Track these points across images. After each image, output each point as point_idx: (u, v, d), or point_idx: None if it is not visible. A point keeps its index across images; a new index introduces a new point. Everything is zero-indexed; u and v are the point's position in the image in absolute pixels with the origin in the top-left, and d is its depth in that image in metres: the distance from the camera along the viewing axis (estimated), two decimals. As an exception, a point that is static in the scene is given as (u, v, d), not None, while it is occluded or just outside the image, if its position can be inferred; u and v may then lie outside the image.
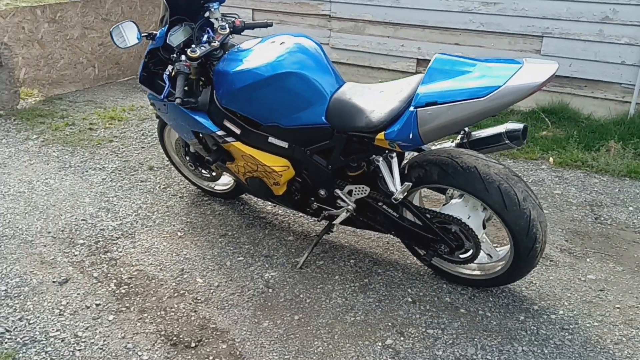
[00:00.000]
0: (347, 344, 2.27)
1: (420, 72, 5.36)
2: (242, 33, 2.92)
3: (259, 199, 3.35)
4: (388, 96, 2.28)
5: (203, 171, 3.29)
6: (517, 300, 2.51)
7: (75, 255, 2.87)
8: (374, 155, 2.37)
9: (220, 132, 2.64)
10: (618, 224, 3.16)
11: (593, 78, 4.47)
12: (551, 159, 3.96)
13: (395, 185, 2.27)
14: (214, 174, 3.28)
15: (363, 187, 2.47)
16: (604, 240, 3.00)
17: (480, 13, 4.78)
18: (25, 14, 5.16)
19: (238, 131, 2.61)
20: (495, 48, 4.81)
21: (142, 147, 4.21)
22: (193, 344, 2.26)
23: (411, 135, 2.08)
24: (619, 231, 3.08)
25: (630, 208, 3.32)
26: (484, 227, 2.42)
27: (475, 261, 2.48)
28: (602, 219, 3.22)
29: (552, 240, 2.98)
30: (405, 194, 2.28)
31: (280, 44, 2.52)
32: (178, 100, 2.47)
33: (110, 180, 3.68)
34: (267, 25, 2.96)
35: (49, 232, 3.06)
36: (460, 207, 2.38)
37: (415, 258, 2.71)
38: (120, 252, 2.91)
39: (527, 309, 2.45)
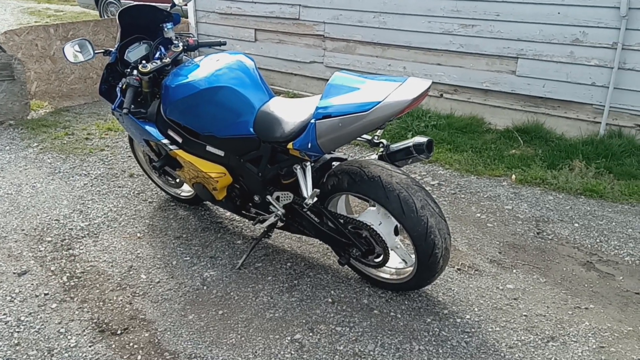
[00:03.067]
0: (259, 337, 2.45)
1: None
2: (196, 50, 3.18)
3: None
4: (301, 110, 2.49)
5: (168, 178, 3.55)
6: (430, 304, 2.64)
7: (40, 251, 3.15)
8: (294, 164, 2.57)
9: (165, 141, 2.89)
10: (559, 239, 3.24)
11: (566, 99, 4.55)
12: (513, 176, 4.05)
13: (308, 192, 2.46)
14: (177, 180, 3.54)
15: (287, 194, 2.67)
16: (538, 253, 3.09)
17: (460, 35, 4.93)
18: (39, 32, 5.61)
19: (180, 140, 2.86)
20: (474, 68, 4.95)
21: (129, 157, 4.51)
22: (119, 332, 2.49)
23: (310, 144, 2.28)
24: (557, 246, 3.17)
25: (576, 225, 3.39)
26: (397, 234, 2.57)
27: (390, 266, 2.64)
28: (545, 234, 3.30)
29: (485, 251, 3.09)
30: (315, 199, 2.46)
31: (217, 60, 2.76)
32: (125, 111, 2.74)
33: (91, 186, 3.99)
34: (220, 43, 3.21)
35: (22, 230, 3.36)
36: (373, 215, 2.55)
37: (351, 270, 2.88)
38: (81, 249, 3.18)
39: (437, 312, 2.59)
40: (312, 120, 2.28)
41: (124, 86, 2.86)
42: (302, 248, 3.14)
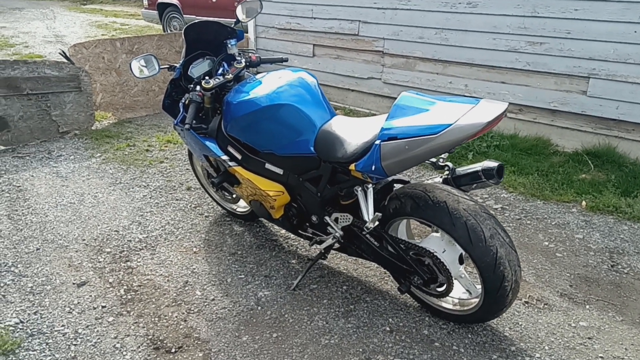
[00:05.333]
0: (313, 364, 2.37)
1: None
2: (258, 67, 3.16)
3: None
4: (365, 130, 2.40)
5: (225, 193, 3.54)
6: (496, 339, 2.49)
7: (99, 262, 3.18)
8: (355, 185, 2.49)
9: (224, 157, 2.87)
10: (635, 273, 3.02)
11: (641, 121, 4.28)
12: (584, 203, 3.83)
13: (369, 215, 2.37)
14: (234, 196, 3.52)
15: (347, 216, 2.58)
16: (613, 288, 2.88)
17: (527, 52, 4.75)
18: (105, 46, 5.78)
19: (239, 156, 2.83)
20: (542, 87, 4.74)
21: (187, 169, 4.55)
22: (173, 350, 2.46)
23: (373, 167, 2.19)
24: (634, 281, 2.95)
25: (654, 258, 3.15)
26: (462, 262, 2.44)
27: (453, 296, 2.51)
28: (619, 267, 3.08)
29: (555, 284, 2.91)
30: (376, 223, 2.37)
31: (279, 77, 2.72)
32: (187, 126, 2.73)
33: (150, 197, 4.03)
34: (282, 60, 3.18)
35: (83, 240, 3.42)
36: (437, 241, 2.43)
37: (410, 297, 2.76)
38: (139, 262, 3.19)
39: (503, 349, 2.43)
40: (377, 142, 2.19)
41: (187, 102, 2.86)
42: (359, 271, 3.05)
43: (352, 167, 2.32)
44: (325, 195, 2.65)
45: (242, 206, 3.62)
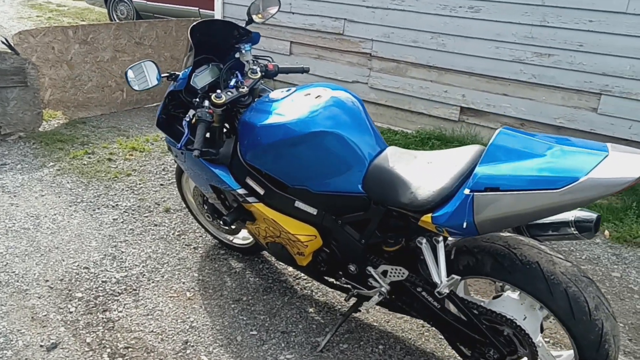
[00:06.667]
0: None
1: (464, 121, 5.07)
2: (274, 78, 2.63)
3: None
4: (438, 170, 1.95)
5: (221, 222, 2.98)
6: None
7: (71, 313, 2.57)
8: (415, 236, 2.03)
9: (241, 191, 2.33)
10: (687, 320, 2.73)
11: (656, 143, 4.06)
12: (607, 232, 3.54)
13: (441, 277, 1.91)
14: (233, 226, 2.97)
15: (400, 270, 2.12)
16: (674, 342, 2.58)
17: (533, 64, 4.43)
18: (56, 34, 5.01)
19: (262, 191, 2.30)
20: (547, 102, 4.44)
21: (161, 185, 3.93)
22: None
23: (465, 224, 1.72)
24: (690, 331, 2.66)
25: (703, 302, 2.88)
26: (542, 330, 2.03)
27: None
28: (670, 313, 2.79)
29: (614, 338, 2.56)
30: (450, 287, 1.92)
31: (317, 97, 2.20)
32: (196, 153, 2.17)
33: (122, 222, 3.40)
34: (303, 70, 2.67)
35: (47, 281, 2.77)
36: (515, 305, 2.01)
37: (453, 351, 2.33)
38: (121, 311, 2.60)
39: None
40: (467, 191, 1.73)
41: (194, 120, 2.30)
42: (392, 323, 2.59)
43: (426, 218, 1.85)
44: (371, 243, 2.17)
45: (241, 237, 3.08)
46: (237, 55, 2.55)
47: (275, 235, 2.36)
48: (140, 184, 3.93)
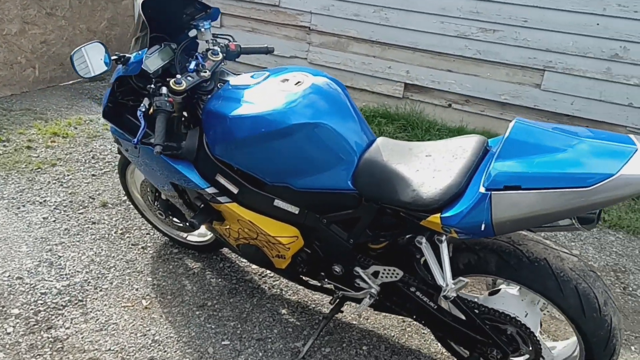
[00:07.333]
0: None
1: (408, 98, 4.98)
2: (236, 59, 2.36)
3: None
4: (440, 164, 1.79)
5: (175, 220, 2.69)
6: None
7: (9, 334, 2.21)
8: (408, 234, 1.88)
9: (211, 190, 2.06)
10: (650, 295, 2.81)
11: (596, 119, 4.15)
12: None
13: (446, 279, 1.77)
14: (187, 223, 2.68)
15: (394, 270, 1.96)
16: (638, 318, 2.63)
17: (478, 40, 4.38)
18: (-49, 3, 4.35)
19: (235, 190, 2.04)
20: (492, 78, 4.43)
21: (93, 175, 3.53)
22: None
23: (483, 226, 1.58)
24: (654, 306, 2.73)
25: (658, 276, 2.97)
26: (541, 325, 1.97)
27: (523, 363, 2.03)
28: (630, 289, 2.86)
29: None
30: (456, 291, 1.79)
31: (297, 83, 1.96)
32: (158, 149, 1.88)
33: (54, 220, 3.01)
34: (267, 50, 2.42)
35: (-27, 298, 2.39)
36: (516, 302, 1.92)
37: (443, 349, 2.23)
38: (68, 328, 2.28)
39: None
40: (482, 189, 1.58)
41: (151, 110, 1.99)
42: (372, 320, 2.46)
43: (433, 219, 1.69)
44: (360, 242, 2.00)
45: (197, 234, 2.81)
46: (193, 33, 2.25)
47: (250, 237, 2.12)
48: (68, 175, 3.50)
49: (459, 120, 4.65)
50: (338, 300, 2.19)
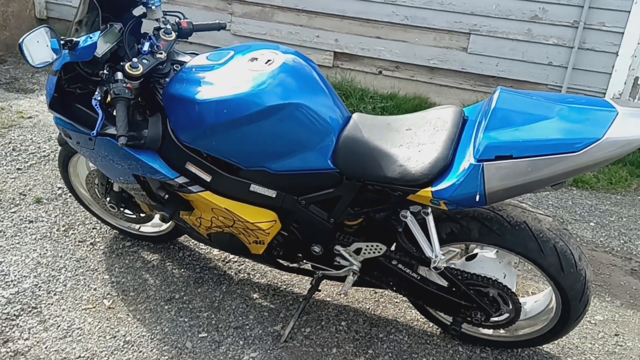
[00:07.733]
0: None
1: (338, 67, 4.95)
2: (189, 37, 2.22)
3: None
4: (423, 137, 1.79)
5: (127, 212, 2.53)
6: (542, 357, 2.21)
7: (-40, 355, 2.01)
8: (396, 210, 1.88)
9: (181, 179, 1.95)
10: (587, 243, 3.02)
11: (520, 79, 4.35)
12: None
13: (435, 250, 1.80)
14: (142, 215, 2.53)
15: (377, 246, 1.97)
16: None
17: (405, 5, 4.42)
18: None
19: (208, 178, 1.94)
20: (420, 44, 4.50)
21: (19, 169, 3.23)
22: None
23: (477, 196, 1.61)
24: (592, 253, 2.94)
25: (592, 224, 3.21)
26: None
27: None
28: (571, 238, 3.06)
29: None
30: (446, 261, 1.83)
31: (267, 62, 1.87)
32: (122, 140, 1.74)
33: (-16, 223, 2.74)
34: (220, 27, 2.29)
35: None
36: (494, 265, 2.00)
37: (419, 314, 2.29)
38: (27, 339, 2.10)
39: (557, 370, 2.17)
40: (472, 160, 1.60)
41: (109, 99, 1.83)
42: (345, 295, 2.46)
43: (424, 193, 1.69)
44: (340, 221, 1.98)
45: (151, 225, 2.66)
46: (139, 12, 2.08)
47: (225, 225, 2.03)
48: (-11, 171, 3.19)
49: (390, 87, 4.70)
50: (316, 279, 2.17)
